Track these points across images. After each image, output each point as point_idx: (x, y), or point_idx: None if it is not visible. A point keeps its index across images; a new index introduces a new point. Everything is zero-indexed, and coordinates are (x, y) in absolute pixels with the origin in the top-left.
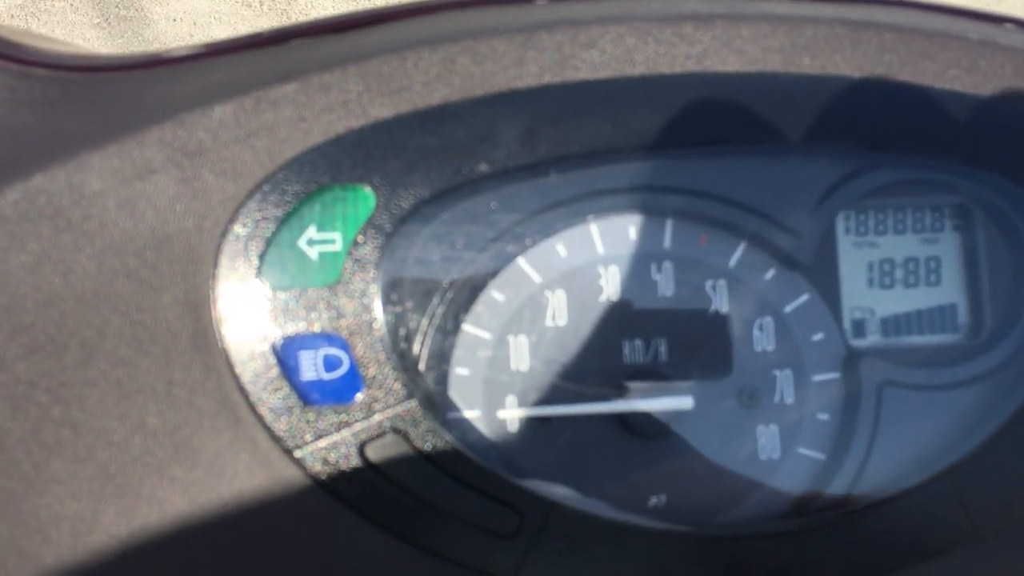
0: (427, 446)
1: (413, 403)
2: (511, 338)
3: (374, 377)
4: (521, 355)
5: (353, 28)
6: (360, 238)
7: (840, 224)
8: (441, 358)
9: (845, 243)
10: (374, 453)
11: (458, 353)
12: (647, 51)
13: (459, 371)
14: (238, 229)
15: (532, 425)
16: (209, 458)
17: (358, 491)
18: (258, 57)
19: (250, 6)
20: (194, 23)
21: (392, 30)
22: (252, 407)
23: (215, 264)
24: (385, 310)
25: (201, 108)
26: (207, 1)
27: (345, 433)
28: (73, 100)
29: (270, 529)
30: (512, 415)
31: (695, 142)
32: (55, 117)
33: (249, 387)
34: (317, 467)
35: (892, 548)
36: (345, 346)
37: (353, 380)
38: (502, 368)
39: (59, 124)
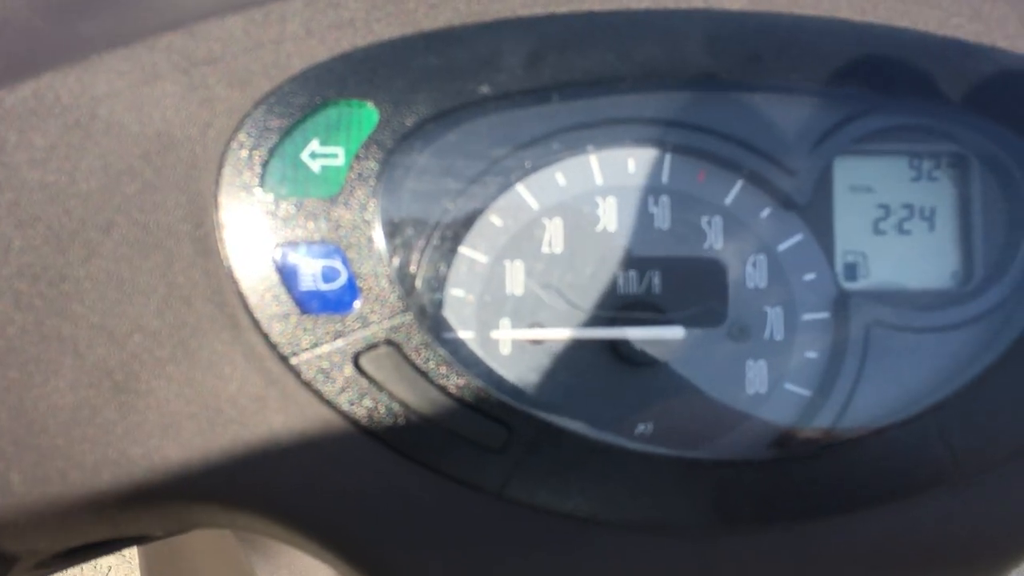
0: (420, 360)
1: (408, 317)
2: (507, 262)
3: (371, 290)
4: (516, 279)
5: None
6: (362, 152)
7: (837, 167)
8: (437, 277)
9: (841, 186)
10: (368, 363)
11: (454, 273)
12: None
13: (454, 291)
14: (242, 138)
15: (524, 348)
16: (207, 359)
17: (350, 399)
18: None
19: None
20: None
21: None
22: (250, 312)
23: (219, 171)
24: (384, 226)
25: (212, 18)
26: None
27: (340, 343)
28: (86, 5)
29: (262, 431)
30: (505, 336)
31: (697, 78)
32: (68, 21)
33: (247, 293)
34: (312, 374)
35: (874, 482)
36: (344, 258)
37: (350, 292)
38: (497, 291)
39: (71, 28)
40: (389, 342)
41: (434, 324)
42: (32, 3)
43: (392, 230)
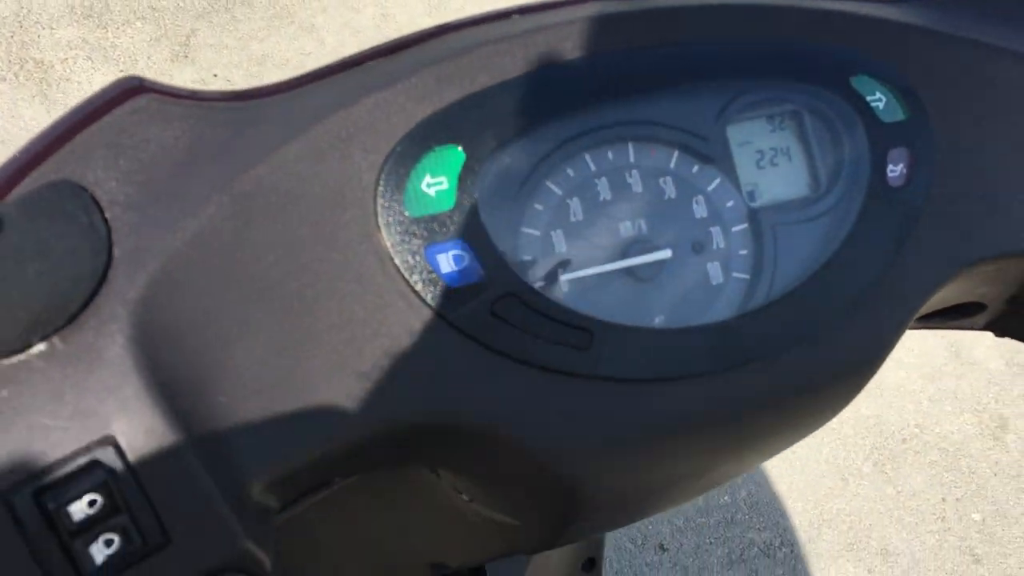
0: (534, 302)
1: (516, 277)
2: (552, 232)
3: (487, 262)
4: (560, 243)
5: (413, 44)
6: (460, 178)
7: (730, 131)
8: (517, 248)
9: (735, 143)
10: (500, 310)
11: (523, 243)
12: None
13: (525, 257)
14: (382, 184)
15: (585, 282)
16: (397, 333)
17: (492, 338)
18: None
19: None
20: None
21: (448, 39)
22: (416, 293)
23: (375, 207)
24: (486, 219)
25: (348, 105)
26: None
27: (475, 301)
28: (248, 120)
29: (432, 364)
30: (566, 278)
31: (644, 92)
32: (239, 133)
33: (411, 279)
34: (469, 327)
35: (794, 328)
36: (467, 247)
37: (476, 268)
38: (550, 252)
39: (245, 138)
40: (511, 294)
41: (532, 278)
42: (209, 119)
43: (491, 220)
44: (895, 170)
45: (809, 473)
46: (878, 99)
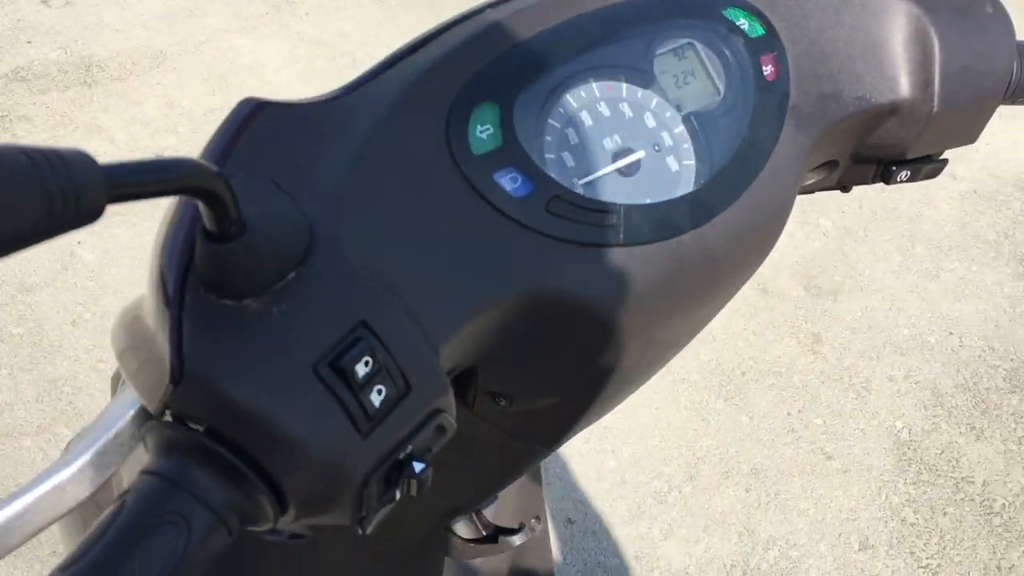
0: (567, 198)
1: (555, 184)
2: (563, 154)
3: (534, 178)
4: (570, 160)
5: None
6: (501, 123)
7: (655, 64)
8: (548, 166)
9: (658, 72)
10: (554, 207)
11: (550, 163)
12: None
13: (553, 173)
14: (451, 136)
15: (592, 183)
16: (476, 238)
17: (547, 226)
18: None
19: None
20: None
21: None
22: (491, 204)
23: (451, 153)
24: (526, 149)
25: (414, 83)
26: None
27: (533, 202)
28: (345, 111)
29: (502, 251)
30: (583, 182)
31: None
32: (346, 120)
33: (486, 195)
34: (531, 222)
35: (728, 194)
36: (518, 170)
37: (528, 183)
38: (567, 167)
39: (348, 123)
40: (557, 196)
41: (564, 184)
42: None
43: (529, 149)
44: (767, 69)
45: (674, 423)
46: (743, 23)
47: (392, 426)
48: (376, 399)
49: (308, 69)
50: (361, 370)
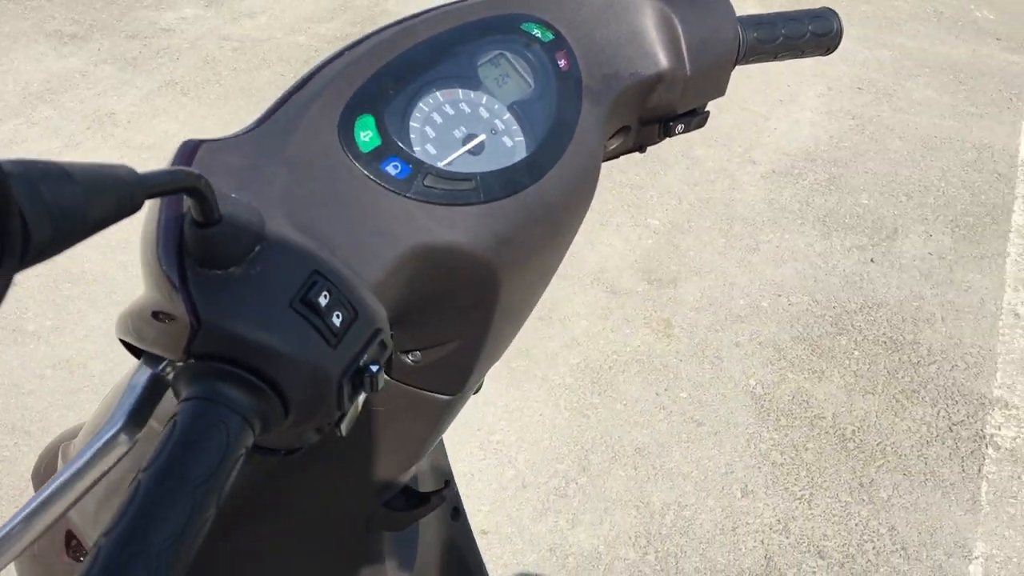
0: (438, 173)
1: (426, 165)
2: (426, 146)
3: (410, 163)
4: (433, 147)
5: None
6: (376, 127)
7: (480, 72)
8: (420, 154)
9: (483, 77)
10: (426, 182)
11: (420, 151)
12: None
13: (425, 159)
14: (342, 141)
15: (454, 161)
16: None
17: (428, 195)
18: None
19: None
20: None
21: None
22: (384, 187)
23: (346, 152)
24: (400, 143)
25: (312, 102)
26: None
27: (415, 182)
28: (264, 138)
29: (396, 218)
30: (447, 161)
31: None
32: (265, 144)
33: (379, 182)
34: (412, 194)
35: (551, 157)
36: (397, 158)
37: (407, 167)
38: (432, 153)
39: (267, 145)
40: (430, 174)
41: (435, 164)
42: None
43: (403, 143)
44: (562, 63)
45: (559, 424)
46: (537, 32)
47: (351, 340)
48: (337, 321)
49: None
50: (323, 301)
